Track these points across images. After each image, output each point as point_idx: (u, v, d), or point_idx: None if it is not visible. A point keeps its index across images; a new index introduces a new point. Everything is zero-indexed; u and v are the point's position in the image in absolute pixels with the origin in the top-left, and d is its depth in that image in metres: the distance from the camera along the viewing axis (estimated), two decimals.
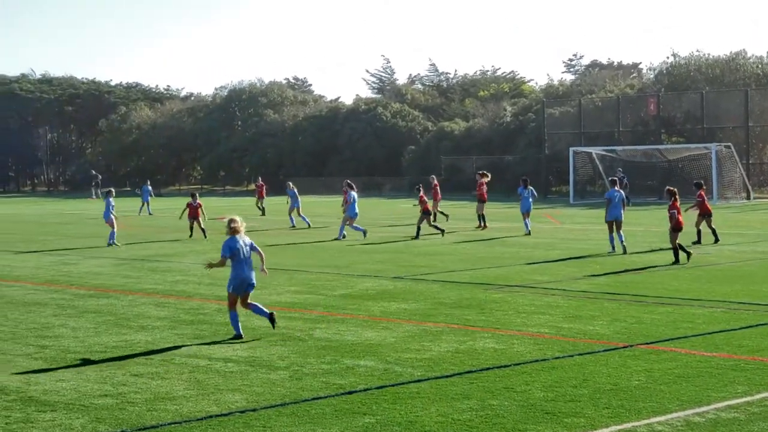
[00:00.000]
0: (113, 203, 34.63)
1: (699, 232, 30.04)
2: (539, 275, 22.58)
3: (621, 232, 27.65)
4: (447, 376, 12.24)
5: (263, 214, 50.52)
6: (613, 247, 27.52)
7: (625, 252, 27.05)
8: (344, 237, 33.96)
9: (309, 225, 40.22)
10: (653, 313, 16.78)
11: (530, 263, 25.13)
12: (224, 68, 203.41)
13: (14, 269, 25.81)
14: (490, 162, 77.43)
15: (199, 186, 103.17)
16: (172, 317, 17.30)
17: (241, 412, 10.76)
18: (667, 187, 26.79)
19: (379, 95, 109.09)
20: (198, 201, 36.48)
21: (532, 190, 36.14)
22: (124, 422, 10.45)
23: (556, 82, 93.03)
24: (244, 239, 15.70)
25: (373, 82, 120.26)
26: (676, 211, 25.25)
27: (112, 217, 33.82)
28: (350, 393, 11.48)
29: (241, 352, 13.97)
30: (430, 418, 10.35)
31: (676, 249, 24.90)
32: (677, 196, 25.64)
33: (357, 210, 35.05)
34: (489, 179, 39.44)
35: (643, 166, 66.45)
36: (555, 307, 17.66)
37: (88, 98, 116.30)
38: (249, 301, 15.67)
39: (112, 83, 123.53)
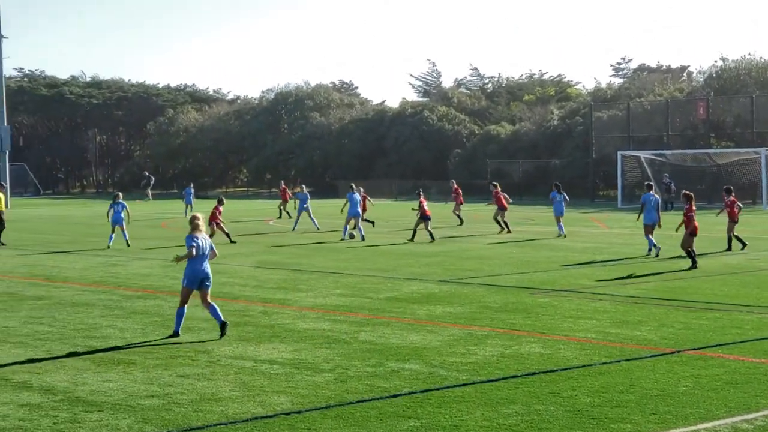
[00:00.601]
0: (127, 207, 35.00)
1: (730, 239, 29.89)
2: (586, 280, 22.44)
3: (651, 236, 28.12)
4: (492, 381, 12.19)
5: (279, 216, 50.36)
6: (649, 250, 27.93)
7: (657, 255, 27.56)
8: (352, 237, 35.48)
9: (317, 228, 40.60)
10: (701, 319, 16.63)
11: (577, 267, 24.99)
12: (271, 71, 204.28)
13: (63, 270, 26.05)
14: (537, 166, 77.19)
15: (246, 188, 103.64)
16: None
17: (286, 414, 10.78)
18: (684, 191, 26.99)
19: (425, 99, 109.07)
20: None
21: (564, 195, 36.09)
22: (170, 423, 10.50)
23: (604, 86, 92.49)
24: (204, 237, 16.18)
25: (419, 85, 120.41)
26: (693, 215, 25.37)
27: (122, 220, 33.83)
28: (395, 396, 11.47)
29: (287, 355, 14.00)
30: (475, 423, 10.31)
31: (690, 254, 24.96)
32: (693, 201, 25.78)
33: (359, 210, 36.67)
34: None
35: (692, 171, 65.84)
36: (602, 312, 17.54)
37: (137, 101, 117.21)
38: (209, 300, 15.96)
39: (160, 86, 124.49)
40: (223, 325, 15.66)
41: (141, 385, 12.23)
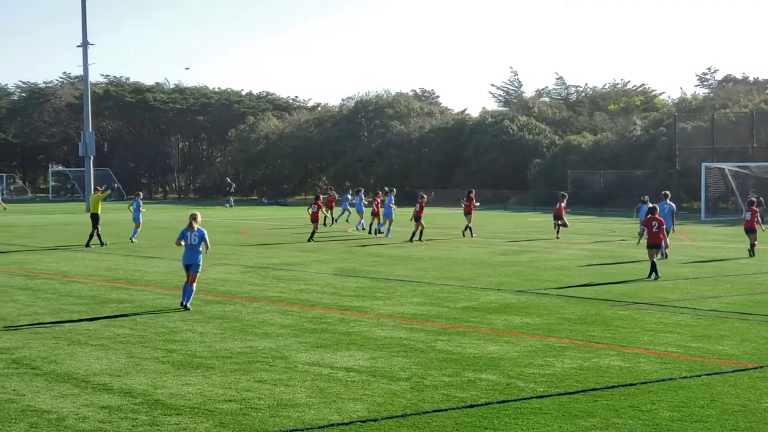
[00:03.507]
0: (141, 205, 39.43)
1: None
2: (668, 293, 22.14)
3: (666, 240, 28.50)
4: (570, 393, 12.07)
5: (327, 224, 50.61)
6: (662, 254, 29.59)
7: (664, 257, 29.55)
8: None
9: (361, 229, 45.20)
10: None
11: (659, 280, 24.66)
12: (352, 79, 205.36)
13: (145, 274, 26.40)
14: (618, 177, 76.40)
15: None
16: (296, 325, 17.46)
17: (362, 421, 10.78)
18: (650, 205, 28.16)
19: (506, 108, 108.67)
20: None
21: (672, 205, 35.60)
22: (247, 428, 10.57)
23: (689, 96, 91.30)
24: (195, 230, 19.71)
25: (500, 95, 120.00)
26: (649, 227, 25.86)
27: (140, 218, 38.88)
28: (471, 407, 11.41)
29: (363, 362, 14.01)
30: None
31: (654, 264, 25.38)
32: (656, 213, 26.37)
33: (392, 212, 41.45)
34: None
35: None
36: (683, 326, 17.28)
37: (219, 107, 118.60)
38: (194, 285, 19.56)
39: (243, 93, 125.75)
40: (184, 305, 19.28)
41: (219, 389, 12.33)
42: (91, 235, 36.39)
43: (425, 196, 41.27)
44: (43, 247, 35.88)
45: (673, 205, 32.21)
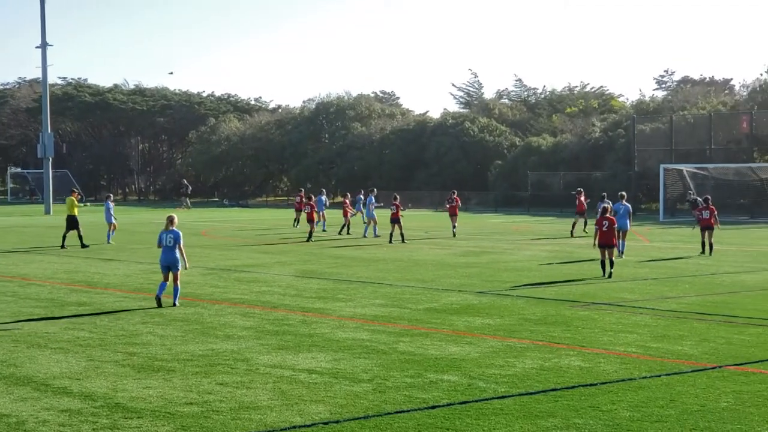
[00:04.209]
0: (112, 207, 40.14)
1: (703, 245, 33.07)
2: (627, 293, 22.30)
3: (624, 240, 31.81)
4: (531, 393, 12.13)
5: (296, 225, 50.67)
6: (621, 252, 30.84)
7: (621, 256, 30.61)
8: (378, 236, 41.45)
9: (324, 230, 46.08)
10: (743, 334, 16.47)
11: (618, 281, 24.83)
12: (312, 81, 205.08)
13: (104, 277, 26.24)
14: (578, 178, 76.81)
15: (286, 197, 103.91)
16: (257, 327, 17.42)
17: (325, 423, 10.78)
18: (603, 204, 28.59)
19: (467, 110, 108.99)
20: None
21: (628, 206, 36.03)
22: (208, 431, 10.54)
23: (647, 98, 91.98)
24: (170, 232, 20.21)
25: (460, 96, 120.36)
26: (599, 226, 26.47)
27: (113, 219, 39.55)
28: (433, 408, 11.44)
29: (325, 364, 14.01)
30: None
31: (611, 262, 25.99)
32: (607, 213, 26.83)
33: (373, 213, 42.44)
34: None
35: (735, 185, 65.36)
36: (643, 326, 17.41)
37: (179, 109, 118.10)
38: (177, 283, 20.38)
39: (203, 95, 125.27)
40: (173, 303, 20.08)
41: (180, 392, 12.28)
42: (65, 236, 36.79)
43: (398, 196, 41.49)
44: (1, 250, 35.57)
45: (629, 205, 33.51)
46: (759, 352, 14.85)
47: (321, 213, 47.42)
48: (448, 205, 44.29)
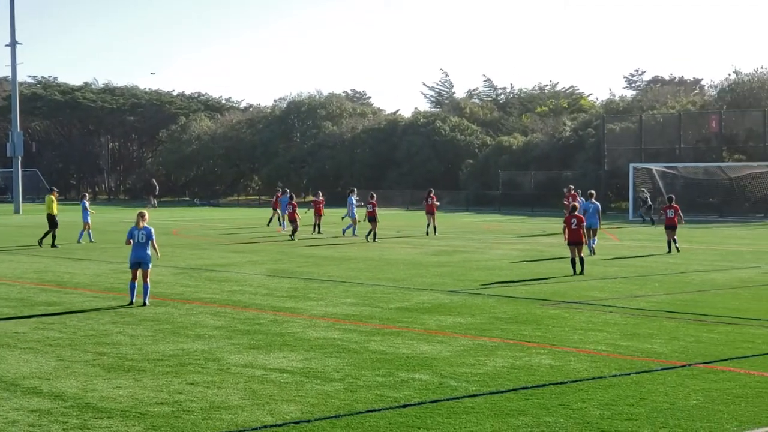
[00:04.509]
0: (89, 205, 40.01)
1: (669, 243, 33.64)
2: (597, 292, 22.41)
3: (595, 238, 33.06)
4: (502, 392, 12.17)
5: (268, 224, 50.75)
6: (591, 249, 31.69)
7: (592, 254, 31.45)
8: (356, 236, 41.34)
9: (283, 228, 46.09)
10: (712, 332, 16.58)
11: (588, 279, 24.95)
12: (284, 80, 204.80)
13: (74, 276, 26.11)
14: (548, 177, 77.11)
15: (257, 197, 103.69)
16: (228, 327, 17.39)
17: (296, 422, 10.77)
18: (573, 203, 28.75)
19: (438, 109, 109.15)
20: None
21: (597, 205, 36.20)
22: (179, 430, 10.51)
23: (616, 98, 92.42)
24: (143, 229, 20.11)
25: (431, 95, 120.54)
26: (568, 224, 26.81)
27: (89, 218, 39.26)
28: (405, 406, 11.45)
29: (297, 363, 14.00)
30: None
31: (582, 260, 26.30)
32: (576, 212, 27.21)
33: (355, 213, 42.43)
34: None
35: (704, 184, 65.76)
36: (612, 325, 17.50)
37: (150, 108, 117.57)
38: (147, 281, 20.21)
39: (174, 93, 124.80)
40: (143, 302, 19.96)
41: (151, 392, 12.24)
42: (46, 234, 36.98)
43: (375, 195, 41.75)
44: None
45: (599, 204, 34.50)
46: (728, 350, 14.95)
47: (283, 214, 47.45)
48: (425, 204, 44.47)
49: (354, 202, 42.74)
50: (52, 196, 38.27)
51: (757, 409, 11.23)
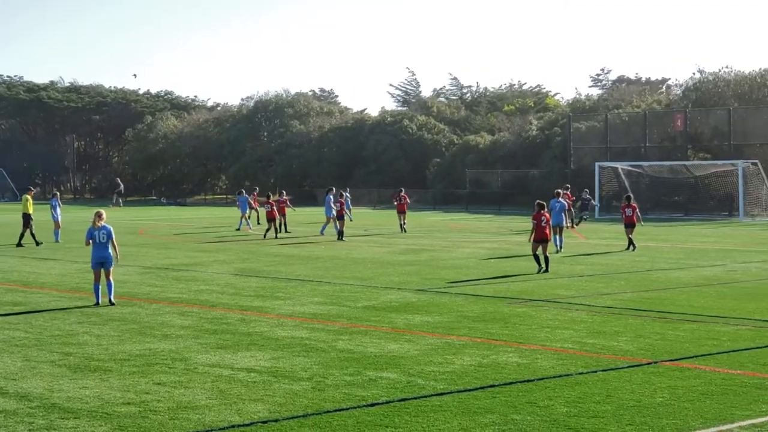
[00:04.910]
0: (59, 204, 40.26)
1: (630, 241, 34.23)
2: (564, 290, 22.50)
3: (562, 236, 33.69)
4: (469, 390, 12.20)
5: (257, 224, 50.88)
6: (559, 247, 32.80)
7: (558, 251, 32.23)
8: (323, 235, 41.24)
9: (250, 229, 46.33)
10: (678, 330, 16.69)
11: (554, 278, 25.05)
12: (251, 79, 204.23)
13: (40, 276, 25.94)
14: (515, 176, 77.37)
15: (225, 196, 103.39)
16: (196, 326, 17.33)
17: (264, 422, 10.76)
18: (537, 201, 28.58)
19: (405, 108, 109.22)
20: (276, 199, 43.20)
21: (563, 203, 36.38)
22: (146, 431, 10.47)
23: (582, 97, 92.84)
24: (102, 228, 20.07)
25: (398, 94, 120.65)
26: (537, 222, 26.91)
27: (58, 217, 39.46)
28: (372, 405, 11.46)
29: (264, 363, 13.97)
30: None
31: (546, 258, 26.64)
32: (545, 210, 27.36)
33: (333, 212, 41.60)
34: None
35: (670, 182, 66.15)
36: (579, 323, 17.59)
37: (116, 107, 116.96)
38: (110, 278, 20.20)
39: (140, 92, 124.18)
40: (110, 301, 19.87)
41: (117, 392, 12.18)
42: (22, 235, 36.85)
43: (344, 193, 41.97)
44: None
45: (565, 203, 35.33)
46: (693, 347, 15.06)
47: (243, 213, 47.59)
48: (396, 203, 45.55)
49: (332, 200, 42.71)
50: (28, 195, 38.09)
51: (723, 405, 11.32)
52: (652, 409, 11.18)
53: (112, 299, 20.08)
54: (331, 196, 42.43)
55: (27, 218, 36.81)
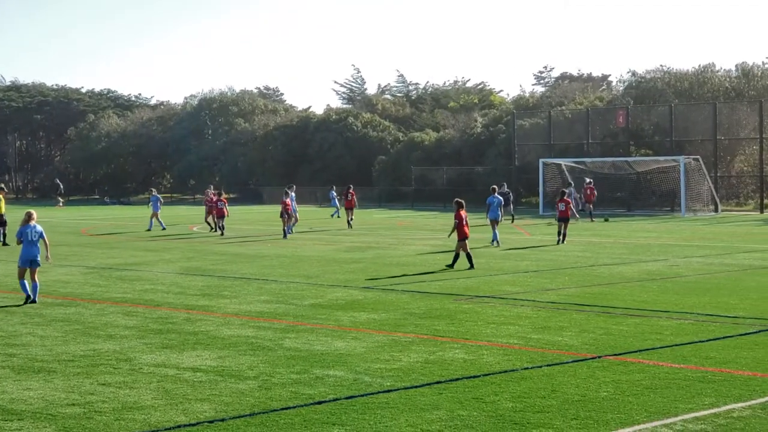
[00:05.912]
0: (2, 201, 38.68)
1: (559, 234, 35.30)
2: (509, 286, 22.63)
3: (496, 230, 34.59)
4: (416, 387, 12.24)
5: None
6: (496, 241, 34.08)
7: (498, 245, 33.59)
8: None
9: (163, 228, 45.87)
10: (621, 325, 16.86)
11: (500, 274, 25.19)
12: (195, 76, 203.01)
13: None
14: (460, 173, 77.66)
15: (170, 194, 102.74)
16: (141, 326, 17.22)
17: (210, 422, 10.72)
18: (456, 199, 28.66)
19: (350, 105, 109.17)
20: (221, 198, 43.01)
21: (499, 199, 36.57)
22: None
23: (526, 94, 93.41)
24: (34, 227, 20.32)
25: (343, 92, 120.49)
26: (459, 221, 26.93)
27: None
28: (319, 403, 11.46)
29: (210, 362, 13.92)
30: (399, 429, 10.35)
31: (469, 255, 26.67)
32: (463, 208, 27.37)
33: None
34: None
35: (612, 178, 66.74)
36: (524, 318, 17.70)
37: (57, 105, 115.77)
38: (35, 277, 20.28)
39: (82, 90, 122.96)
40: (33, 300, 19.99)
41: (62, 393, 12.07)
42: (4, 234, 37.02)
43: (289, 191, 42.04)
44: None
45: (502, 198, 36.63)
46: (636, 342, 15.22)
47: (155, 211, 47.42)
48: (344, 200, 47.04)
49: (335, 195, 43.48)
50: (0, 195, 37.77)
51: (666, 399, 11.45)
52: (597, 404, 11.29)
53: (36, 298, 20.18)
54: (293, 194, 42.43)
55: (0, 218, 36.94)
